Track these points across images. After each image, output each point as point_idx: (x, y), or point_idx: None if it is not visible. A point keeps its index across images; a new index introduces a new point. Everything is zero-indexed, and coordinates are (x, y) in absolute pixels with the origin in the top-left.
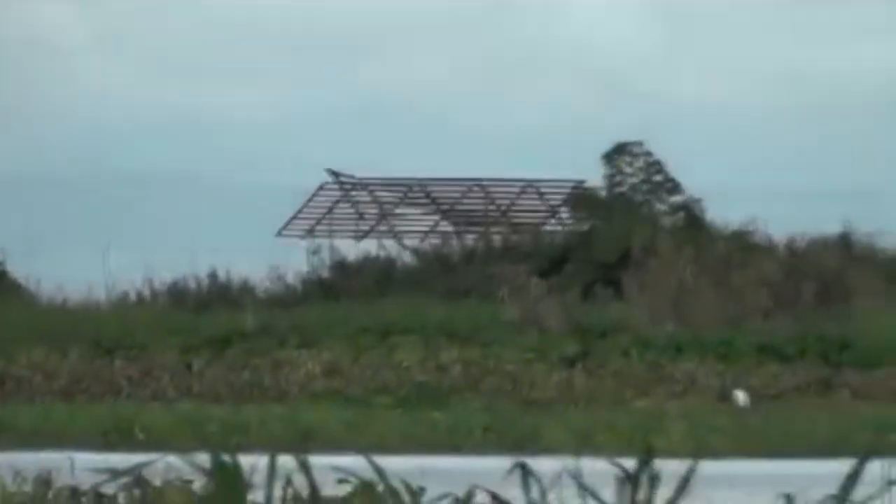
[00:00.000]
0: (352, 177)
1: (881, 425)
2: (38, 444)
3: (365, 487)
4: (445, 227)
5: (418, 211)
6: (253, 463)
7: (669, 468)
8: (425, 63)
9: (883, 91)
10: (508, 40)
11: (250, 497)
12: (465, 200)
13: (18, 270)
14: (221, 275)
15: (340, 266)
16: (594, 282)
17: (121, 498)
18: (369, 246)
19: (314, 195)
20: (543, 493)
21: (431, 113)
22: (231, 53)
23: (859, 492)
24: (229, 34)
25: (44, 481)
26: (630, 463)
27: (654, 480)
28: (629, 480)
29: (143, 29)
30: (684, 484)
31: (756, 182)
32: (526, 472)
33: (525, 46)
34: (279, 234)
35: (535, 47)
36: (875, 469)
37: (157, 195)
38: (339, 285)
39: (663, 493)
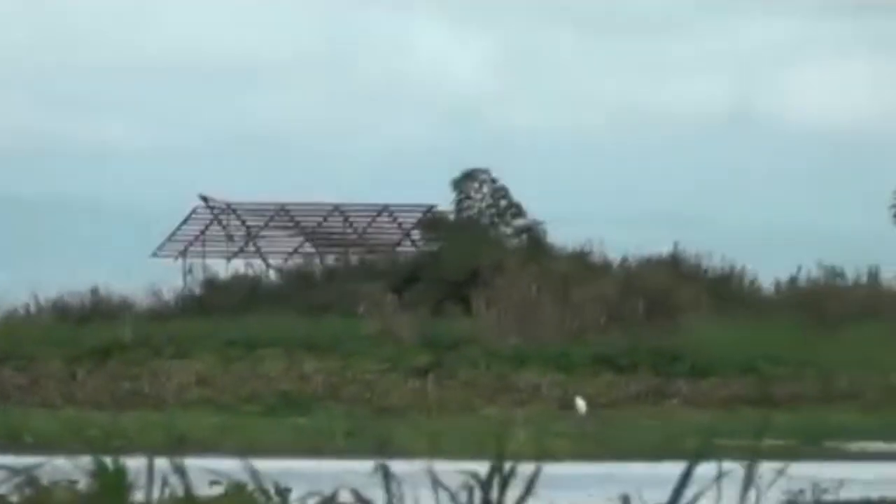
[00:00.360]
0: (222, 202)
1: (709, 430)
2: None
3: (236, 488)
4: (308, 248)
5: (283, 233)
6: (133, 466)
7: (516, 471)
8: (294, 97)
9: (710, 125)
10: (366, 77)
11: (131, 497)
12: (326, 224)
13: None
14: (102, 291)
15: (211, 284)
16: (445, 298)
17: (13, 497)
18: (238, 265)
19: (187, 219)
20: (401, 494)
21: (298, 143)
22: (109, 84)
23: (690, 491)
24: (108, 65)
25: None
26: (480, 466)
27: (505, 482)
28: (480, 483)
29: (28, 60)
30: (530, 485)
31: (593, 207)
32: (387, 474)
33: (381, 82)
34: (154, 254)
35: (389, 83)
36: (704, 470)
37: (39, 218)
38: (210, 301)
39: (512, 493)
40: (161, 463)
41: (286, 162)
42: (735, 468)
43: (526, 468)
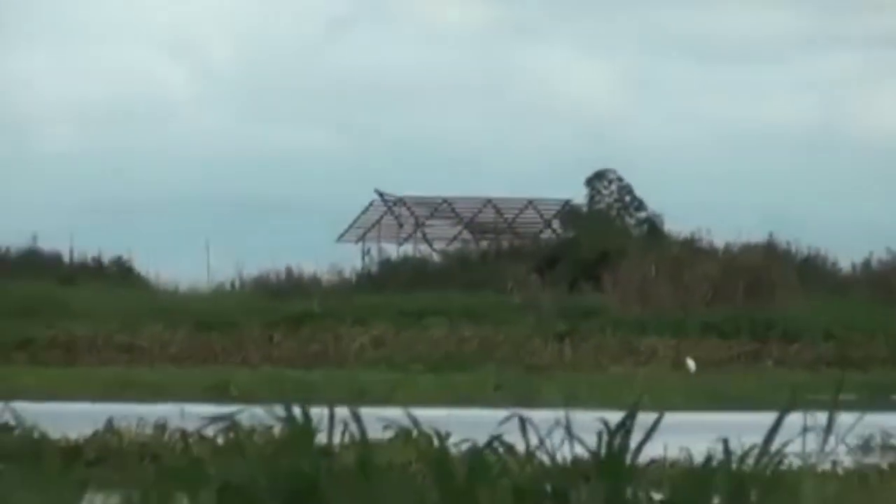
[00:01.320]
0: (394, 196)
1: (797, 387)
2: (157, 399)
3: (404, 434)
4: (466, 235)
5: (445, 222)
6: (318, 414)
7: (638, 420)
8: (455, 112)
9: (800, 139)
10: (514, 97)
11: (316, 441)
12: (481, 215)
13: (142, 265)
14: (295, 270)
15: (385, 264)
16: (579, 277)
17: (219, 439)
18: (407, 249)
19: (365, 210)
20: (541, 440)
21: (458, 149)
22: (305, 101)
23: (781, 437)
24: (306, 85)
25: (161, 426)
26: (609, 415)
27: (629, 429)
28: (609, 430)
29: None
30: (650, 431)
31: (701, 203)
32: (524, 423)
33: (526, 101)
34: (338, 240)
35: (534, 101)
36: (792, 420)
37: (248, 213)
38: (384, 279)
39: (635, 438)
40: (342, 412)
41: (448, 163)
42: (818, 418)
43: (646, 417)
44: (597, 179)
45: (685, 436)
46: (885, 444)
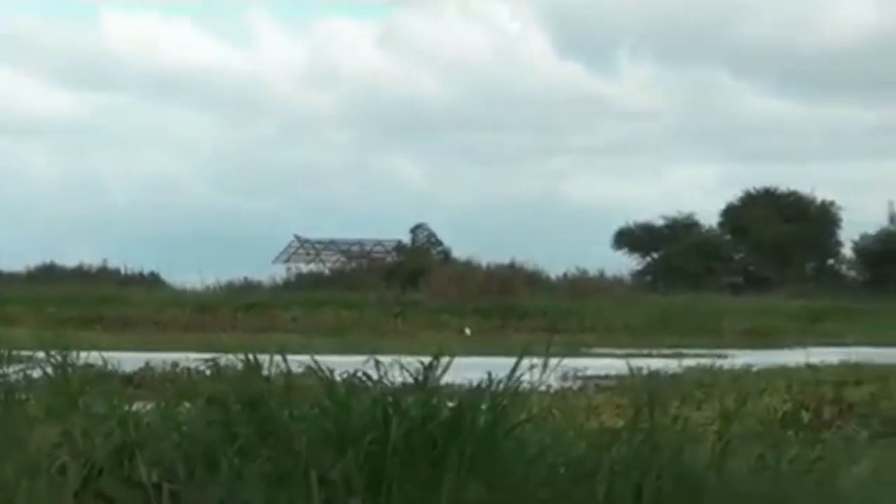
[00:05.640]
0: (304, 237)
1: (528, 344)
2: (175, 350)
3: (312, 371)
4: (343, 260)
5: (332, 252)
6: (264, 359)
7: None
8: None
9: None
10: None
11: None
12: (352, 248)
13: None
14: (249, 278)
15: (300, 276)
16: (406, 283)
17: (208, 372)
18: (311, 267)
19: (288, 245)
20: (385, 372)
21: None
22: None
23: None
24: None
25: (175, 365)
26: (423, 360)
27: (433, 366)
28: (424, 367)
29: None
30: (445, 368)
31: (475, 235)
32: (377, 362)
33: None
34: (273, 262)
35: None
36: (526, 363)
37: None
38: (300, 284)
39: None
40: (277, 359)
41: (335, 219)
42: (540, 362)
43: (443, 361)
44: (416, 229)
45: (467, 372)
46: (575, 376)
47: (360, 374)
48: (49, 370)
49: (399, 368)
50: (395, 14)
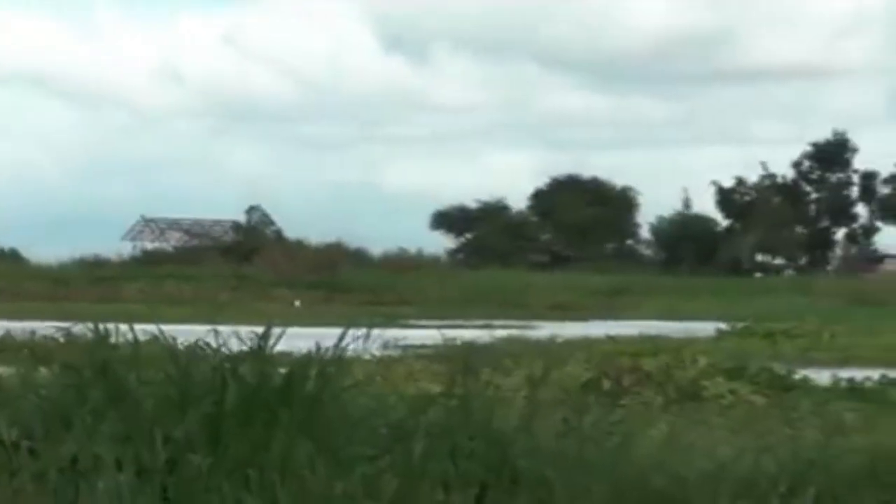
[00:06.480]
0: (148, 217)
1: (352, 316)
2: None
3: (155, 337)
4: (185, 238)
5: (175, 231)
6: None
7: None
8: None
9: None
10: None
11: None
12: (193, 226)
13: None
14: (102, 254)
15: (147, 252)
16: (242, 259)
17: (62, 339)
18: (157, 245)
19: (135, 225)
20: (224, 342)
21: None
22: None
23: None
24: None
25: (32, 332)
26: (257, 329)
27: (267, 335)
28: (259, 337)
29: None
30: (279, 337)
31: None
32: (216, 332)
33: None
34: (121, 239)
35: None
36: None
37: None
38: (147, 260)
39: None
40: (123, 327)
41: (178, 200)
42: (365, 332)
43: (276, 331)
44: (251, 210)
45: (297, 341)
46: (396, 346)
47: (200, 342)
48: None
49: (236, 338)
50: (238, 13)
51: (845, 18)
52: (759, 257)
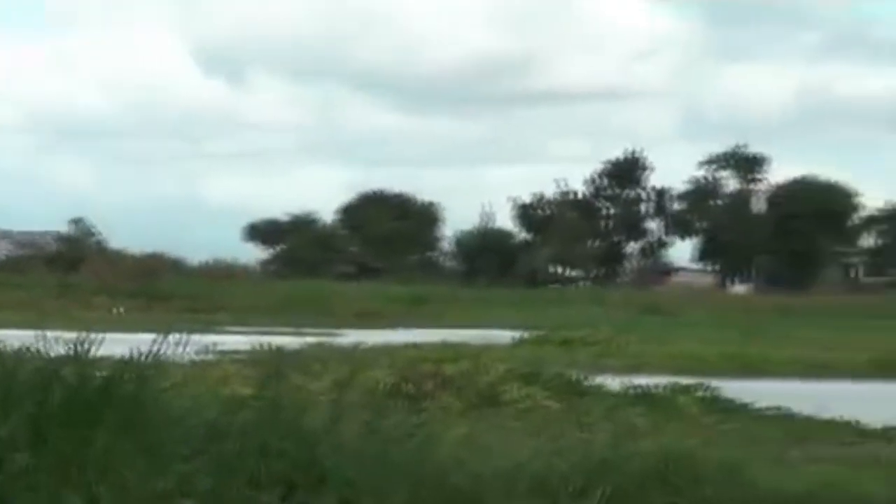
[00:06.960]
0: None
1: (171, 325)
2: None
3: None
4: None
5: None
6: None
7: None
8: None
9: None
10: None
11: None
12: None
13: None
14: None
15: None
16: (67, 270)
17: None
18: None
19: None
20: (74, 348)
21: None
22: None
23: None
24: None
25: None
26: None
27: (89, 341)
28: (76, 343)
29: None
30: (100, 342)
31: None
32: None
33: None
34: None
35: None
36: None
37: None
38: None
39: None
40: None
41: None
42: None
43: (95, 336)
44: (76, 221)
45: (118, 346)
46: (211, 350)
47: (25, 346)
48: None
49: (60, 343)
50: (67, 35)
51: (641, 43)
52: (556, 269)
